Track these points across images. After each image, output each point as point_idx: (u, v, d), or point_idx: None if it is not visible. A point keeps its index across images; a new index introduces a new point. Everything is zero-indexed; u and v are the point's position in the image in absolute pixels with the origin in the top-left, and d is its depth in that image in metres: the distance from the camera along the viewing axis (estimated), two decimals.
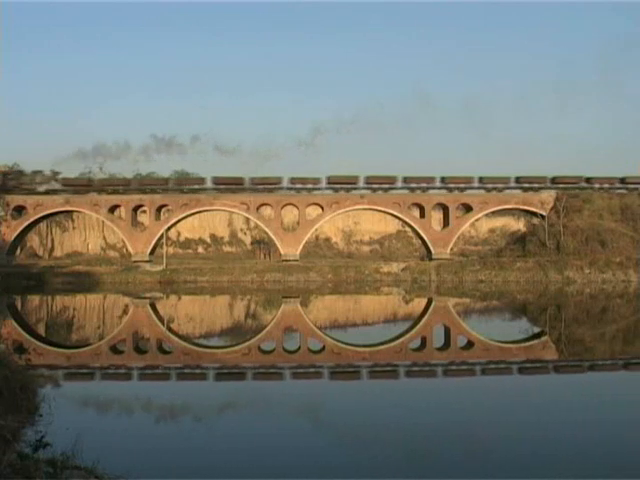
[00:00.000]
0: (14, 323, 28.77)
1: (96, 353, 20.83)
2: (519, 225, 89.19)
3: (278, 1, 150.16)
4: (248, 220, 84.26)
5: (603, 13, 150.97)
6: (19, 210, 58.55)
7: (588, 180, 60.68)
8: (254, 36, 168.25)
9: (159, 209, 59.89)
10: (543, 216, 58.47)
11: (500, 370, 17.89)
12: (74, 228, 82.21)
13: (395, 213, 60.18)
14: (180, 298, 44.31)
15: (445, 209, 60.52)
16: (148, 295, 45.07)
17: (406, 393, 15.06)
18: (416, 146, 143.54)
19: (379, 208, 60.78)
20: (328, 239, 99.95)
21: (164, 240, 60.40)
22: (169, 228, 61.75)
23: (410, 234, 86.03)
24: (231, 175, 60.58)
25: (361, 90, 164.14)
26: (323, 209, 59.76)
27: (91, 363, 18.89)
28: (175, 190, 60.27)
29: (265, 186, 59.96)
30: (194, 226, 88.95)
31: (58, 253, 78.73)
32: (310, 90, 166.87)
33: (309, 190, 59.93)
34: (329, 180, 59.47)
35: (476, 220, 65.61)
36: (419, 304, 40.67)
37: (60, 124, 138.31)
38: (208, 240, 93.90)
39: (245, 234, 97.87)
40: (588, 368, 18.51)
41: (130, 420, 12.32)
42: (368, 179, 59.40)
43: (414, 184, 59.56)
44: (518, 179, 60.28)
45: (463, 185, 59.98)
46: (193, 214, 62.39)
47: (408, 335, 25.02)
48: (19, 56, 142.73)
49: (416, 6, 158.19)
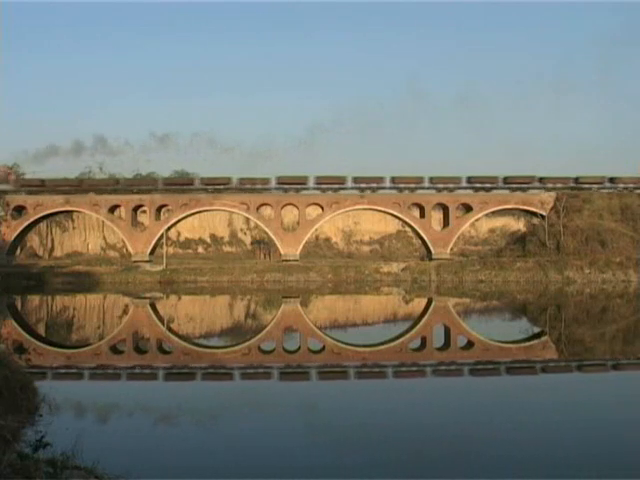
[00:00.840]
0: (14, 323, 28.78)
1: (96, 353, 20.83)
2: (519, 225, 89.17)
3: (276, 1, 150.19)
4: (248, 220, 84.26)
5: (601, 12, 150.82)
6: (19, 210, 58.56)
7: (576, 180, 60.55)
8: (251, 35, 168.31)
9: (159, 209, 59.89)
10: (543, 216, 58.46)
11: (500, 370, 17.89)
12: (74, 228, 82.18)
13: (395, 213, 60.18)
14: (180, 298, 44.31)
15: (445, 209, 60.52)
16: (148, 295, 45.08)
17: (405, 393, 15.05)
18: (414, 144, 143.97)
19: (379, 208, 60.79)
20: (328, 239, 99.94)
21: (164, 240, 60.40)
22: (169, 228, 61.75)
23: (410, 234, 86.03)
24: (221, 175, 60.60)
25: (359, 88, 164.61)
26: (323, 209, 59.76)
27: (91, 363, 18.89)
28: (164, 191, 60.07)
29: (253, 186, 59.87)
30: (194, 226, 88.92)
31: (58, 253, 78.71)
32: (307, 89, 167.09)
33: (297, 190, 59.90)
34: (317, 180, 59.43)
35: (476, 220, 65.61)
36: (419, 304, 40.67)
37: (60, 124, 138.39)
38: (208, 240, 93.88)
39: (245, 234, 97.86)
40: (588, 368, 18.51)
41: (130, 420, 12.32)
42: (356, 180, 59.45)
43: (403, 184, 59.54)
44: (506, 179, 60.10)
45: (452, 185, 59.88)
46: (193, 214, 62.39)
47: (408, 335, 25.02)
48: (19, 56, 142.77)
49: (414, 5, 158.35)
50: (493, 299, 42.64)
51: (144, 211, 61.77)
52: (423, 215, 59.56)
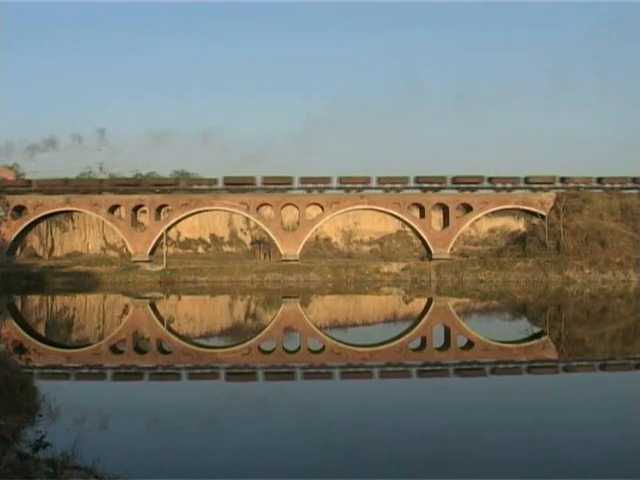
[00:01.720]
0: (14, 323, 28.78)
1: (96, 353, 20.83)
2: (519, 225, 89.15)
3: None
4: (248, 220, 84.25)
5: (599, 8, 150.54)
6: (19, 210, 58.55)
7: (563, 180, 60.44)
8: (249, 34, 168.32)
9: (159, 209, 59.89)
10: (543, 216, 58.46)
11: (499, 370, 17.90)
12: (74, 228, 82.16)
13: (395, 213, 60.17)
14: (180, 298, 44.31)
15: (445, 209, 60.51)
16: (148, 295, 45.08)
17: (406, 393, 15.06)
18: (411, 144, 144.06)
19: (379, 208, 60.78)
20: (328, 239, 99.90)
21: (164, 240, 60.39)
22: (169, 228, 61.74)
23: (410, 234, 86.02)
24: (205, 177, 60.76)
25: (358, 88, 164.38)
26: (323, 209, 59.76)
27: (91, 363, 18.89)
28: (146, 191, 60.09)
29: (239, 186, 59.91)
30: (194, 226, 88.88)
31: (58, 253, 78.70)
32: (307, 89, 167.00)
33: (282, 190, 59.83)
34: (302, 180, 59.47)
35: (476, 220, 65.60)
36: (419, 304, 40.67)
37: (60, 123, 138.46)
38: (208, 240, 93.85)
39: (245, 234, 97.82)
40: (588, 368, 18.51)
41: (130, 420, 12.31)
42: (341, 179, 59.38)
43: (389, 184, 59.50)
44: (490, 179, 60.02)
45: (437, 185, 59.80)
46: (193, 214, 62.38)
47: (408, 335, 25.03)
48: (19, 55, 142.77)
49: (413, 5, 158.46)
50: (493, 299, 42.64)
51: (144, 211, 61.78)
52: (423, 215, 59.56)
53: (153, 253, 59.18)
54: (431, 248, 58.59)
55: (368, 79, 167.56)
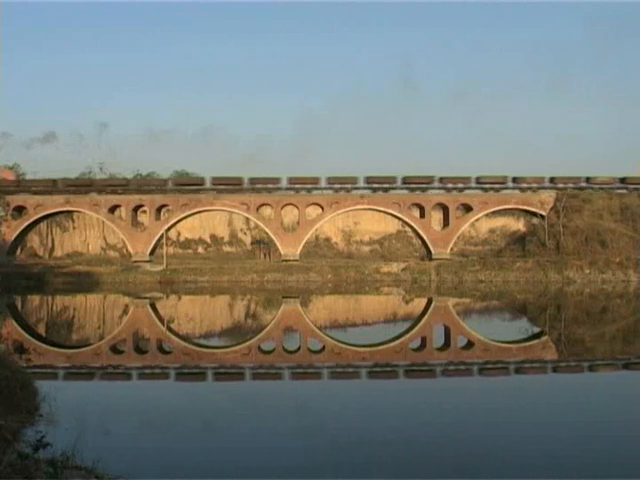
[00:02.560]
0: (14, 323, 28.77)
1: (96, 353, 20.84)
2: (519, 225, 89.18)
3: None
4: (248, 220, 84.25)
5: (601, 6, 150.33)
6: (19, 210, 58.56)
7: (552, 180, 60.43)
8: (248, 34, 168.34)
9: (159, 209, 59.90)
10: (543, 216, 58.47)
11: (499, 370, 17.90)
12: (74, 228, 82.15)
13: (395, 213, 60.16)
14: (180, 298, 44.32)
15: (445, 209, 60.51)
16: (148, 295, 45.08)
17: (405, 393, 15.06)
18: (410, 142, 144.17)
19: (379, 208, 60.77)
20: (328, 239, 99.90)
21: (164, 240, 60.40)
22: (169, 228, 61.73)
23: (410, 234, 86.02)
24: (189, 178, 60.69)
25: (356, 87, 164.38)
26: (323, 209, 59.77)
27: (91, 363, 18.90)
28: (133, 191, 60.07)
29: (226, 186, 59.97)
30: (194, 226, 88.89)
31: (58, 253, 78.69)
32: (306, 88, 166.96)
33: (269, 190, 59.89)
34: (290, 180, 59.44)
35: (476, 220, 65.57)
36: (419, 304, 40.68)
37: (59, 123, 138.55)
38: (208, 240, 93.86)
39: (245, 234, 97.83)
40: (587, 368, 18.52)
41: (130, 420, 12.32)
42: (330, 180, 59.40)
43: (376, 184, 59.44)
44: (478, 179, 59.87)
45: (425, 185, 59.73)
46: (193, 214, 62.37)
47: (408, 335, 25.03)
48: (19, 55, 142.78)
49: (412, 4, 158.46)
50: (493, 299, 42.64)
51: (144, 211, 61.80)
52: (423, 215, 59.56)
53: (153, 253, 59.19)
54: (431, 248, 58.59)
55: (366, 78, 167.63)
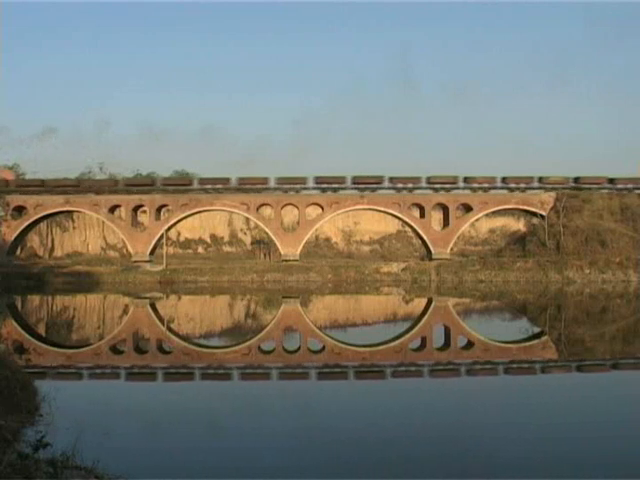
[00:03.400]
0: (14, 323, 28.77)
1: (96, 353, 20.84)
2: (519, 225, 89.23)
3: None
4: (248, 220, 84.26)
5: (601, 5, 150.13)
6: (19, 210, 58.58)
7: (540, 179, 60.33)
8: (246, 34, 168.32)
9: (159, 209, 59.92)
10: (543, 216, 58.48)
11: (499, 370, 17.90)
12: (74, 228, 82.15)
13: (395, 213, 60.16)
14: (180, 298, 44.31)
15: (445, 209, 60.51)
16: (148, 295, 45.08)
17: (404, 393, 15.06)
18: (407, 141, 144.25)
19: (379, 208, 60.77)
20: (328, 239, 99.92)
21: (164, 240, 60.41)
22: (169, 228, 61.74)
23: (410, 234, 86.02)
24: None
25: (354, 86, 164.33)
26: (323, 209, 59.77)
27: (91, 363, 18.90)
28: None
29: (214, 186, 60.14)
30: (194, 226, 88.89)
31: (58, 253, 78.69)
32: (302, 87, 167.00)
33: (258, 191, 59.80)
34: (277, 181, 59.51)
35: (476, 220, 65.58)
36: (419, 304, 40.68)
37: (59, 122, 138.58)
38: (208, 240, 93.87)
39: (245, 234, 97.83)
40: (587, 368, 18.52)
41: (130, 420, 12.32)
42: (318, 179, 59.37)
43: (363, 185, 59.36)
44: (466, 179, 59.83)
45: (412, 185, 59.58)
46: (193, 214, 62.39)
47: (408, 335, 25.03)
48: (19, 55, 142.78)
49: (408, 4, 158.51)
50: (493, 299, 42.64)
51: (144, 211, 61.82)
52: (423, 215, 59.56)
53: (153, 253, 59.20)
54: (431, 248, 58.59)
55: (366, 78, 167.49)
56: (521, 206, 61.32)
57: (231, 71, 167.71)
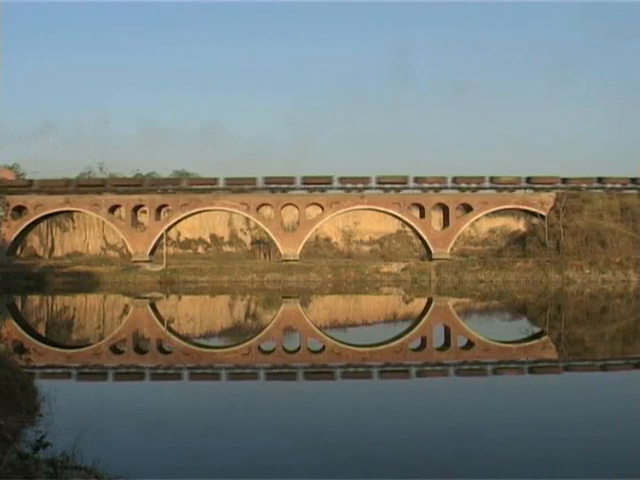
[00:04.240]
0: (14, 323, 28.77)
1: (96, 353, 20.83)
2: (519, 225, 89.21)
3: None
4: (248, 220, 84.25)
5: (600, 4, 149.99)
6: (19, 210, 58.56)
7: (529, 180, 60.28)
8: (244, 34, 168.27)
9: (159, 209, 59.91)
10: (543, 216, 58.47)
11: (499, 370, 17.90)
12: (74, 228, 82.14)
13: (395, 213, 60.16)
14: (180, 298, 44.31)
15: (445, 209, 60.52)
16: (148, 295, 45.07)
17: (404, 393, 15.06)
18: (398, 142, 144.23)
19: (379, 208, 60.77)
20: (328, 239, 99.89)
21: (164, 240, 60.40)
22: (169, 228, 61.74)
23: (410, 234, 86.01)
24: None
25: (354, 84, 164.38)
26: (323, 209, 59.76)
27: (91, 363, 18.90)
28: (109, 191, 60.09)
29: (200, 186, 60.38)
30: (194, 226, 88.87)
31: (58, 253, 78.68)
32: (302, 87, 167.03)
33: (246, 191, 59.76)
34: (265, 181, 59.56)
35: (476, 220, 65.58)
36: (419, 304, 40.68)
37: (59, 122, 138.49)
38: (208, 240, 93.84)
39: (245, 234, 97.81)
40: (587, 368, 18.51)
41: (130, 420, 12.32)
42: (306, 179, 59.35)
43: (349, 184, 59.41)
44: (455, 178, 59.76)
45: (394, 185, 59.49)
46: (193, 214, 62.39)
47: (408, 335, 25.03)
48: (18, 55, 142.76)
49: (409, 5, 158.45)
50: (493, 299, 42.64)
51: (144, 211, 61.80)
52: (423, 215, 59.56)
53: (153, 253, 59.20)
54: (431, 248, 58.59)
55: (365, 78, 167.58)
56: (521, 206, 61.31)
57: (231, 71, 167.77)
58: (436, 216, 65.42)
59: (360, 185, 59.23)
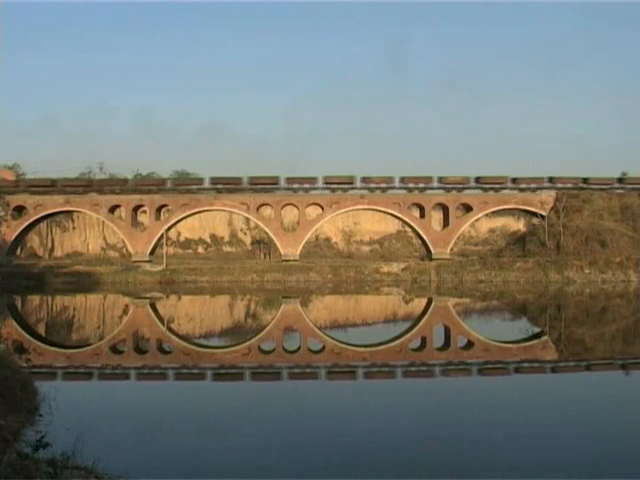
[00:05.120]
0: (14, 323, 28.78)
1: (96, 353, 20.83)
2: (519, 225, 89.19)
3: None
4: (248, 220, 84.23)
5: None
6: (19, 210, 58.54)
7: (514, 180, 60.20)
8: (243, 34, 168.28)
9: (159, 209, 59.88)
10: (543, 216, 58.44)
11: (499, 370, 17.90)
12: (74, 228, 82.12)
13: (395, 213, 60.12)
14: (180, 298, 44.30)
15: (445, 209, 60.49)
16: (148, 295, 45.07)
17: (404, 393, 15.06)
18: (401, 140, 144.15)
19: (379, 208, 60.74)
20: (328, 239, 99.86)
21: (164, 240, 60.38)
22: (169, 228, 61.72)
23: (410, 234, 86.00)
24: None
25: (353, 84, 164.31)
26: (323, 209, 59.74)
27: (91, 363, 18.90)
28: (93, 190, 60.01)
29: (186, 186, 60.49)
30: (194, 226, 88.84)
31: (58, 253, 78.67)
32: (302, 86, 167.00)
33: (230, 191, 59.94)
34: (250, 181, 59.53)
35: (476, 220, 65.56)
36: (419, 304, 40.67)
37: (60, 122, 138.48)
38: (208, 240, 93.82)
39: (245, 234, 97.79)
40: (587, 368, 18.52)
41: (130, 420, 12.32)
42: (288, 180, 59.30)
43: (334, 185, 59.33)
44: (440, 179, 59.74)
45: (385, 185, 59.46)
46: (193, 214, 62.35)
47: (408, 335, 25.03)
48: (18, 54, 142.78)
49: (409, 5, 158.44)
50: (493, 299, 42.63)
51: (144, 211, 61.78)
52: (423, 215, 59.54)
53: (153, 253, 59.18)
54: (431, 248, 58.57)
55: (364, 77, 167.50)
56: (521, 206, 61.28)
57: (231, 70, 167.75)
58: (436, 216, 65.40)
59: (345, 186, 59.19)
